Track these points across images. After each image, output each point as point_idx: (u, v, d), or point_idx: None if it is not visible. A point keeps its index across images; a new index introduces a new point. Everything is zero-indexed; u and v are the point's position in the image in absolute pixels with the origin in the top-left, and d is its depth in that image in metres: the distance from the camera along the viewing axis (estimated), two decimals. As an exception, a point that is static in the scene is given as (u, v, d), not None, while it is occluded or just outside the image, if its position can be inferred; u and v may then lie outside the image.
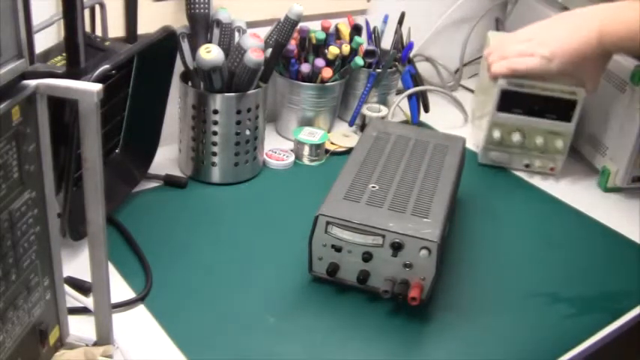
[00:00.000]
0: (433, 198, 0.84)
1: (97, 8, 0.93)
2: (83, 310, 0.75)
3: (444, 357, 0.75)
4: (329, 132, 1.20)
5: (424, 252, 0.77)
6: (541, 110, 1.08)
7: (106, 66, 0.76)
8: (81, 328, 0.70)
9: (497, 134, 1.10)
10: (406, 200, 0.83)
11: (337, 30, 1.21)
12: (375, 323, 0.79)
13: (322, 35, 1.16)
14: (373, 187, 0.85)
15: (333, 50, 1.14)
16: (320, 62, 1.14)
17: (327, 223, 0.79)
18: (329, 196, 0.83)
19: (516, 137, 1.10)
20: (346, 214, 0.79)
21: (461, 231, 0.97)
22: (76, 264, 0.81)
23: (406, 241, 0.77)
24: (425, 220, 0.80)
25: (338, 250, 0.80)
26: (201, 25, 0.99)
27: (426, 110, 1.29)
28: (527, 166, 1.12)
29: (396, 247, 0.78)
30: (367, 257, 0.79)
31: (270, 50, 1.04)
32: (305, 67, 1.14)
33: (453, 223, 0.97)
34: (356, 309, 0.80)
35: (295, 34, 1.13)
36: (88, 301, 0.74)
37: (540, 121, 1.09)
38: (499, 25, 1.49)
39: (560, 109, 1.07)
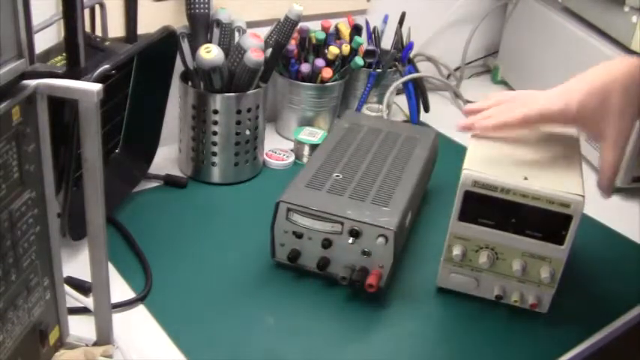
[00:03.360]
0: (396, 188, 0.86)
1: (97, 8, 0.93)
2: (83, 310, 0.75)
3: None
4: (329, 132, 1.20)
5: (381, 239, 0.78)
6: (520, 224, 0.77)
7: (106, 66, 0.76)
8: (81, 328, 0.70)
9: (458, 251, 0.79)
10: (368, 189, 0.85)
11: (337, 30, 1.21)
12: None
13: (322, 35, 1.16)
14: (337, 176, 0.87)
15: (333, 50, 1.14)
16: (320, 62, 1.14)
17: (288, 209, 0.81)
18: (292, 183, 0.85)
19: (484, 258, 0.79)
20: (306, 201, 0.81)
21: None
22: (76, 264, 0.81)
23: (364, 229, 0.79)
24: (384, 208, 0.81)
25: (299, 236, 0.82)
26: (201, 25, 1.00)
27: (426, 110, 1.29)
28: (498, 297, 0.81)
29: (354, 235, 0.79)
30: (327, 244, 0.81)
31: (270, 50, 1.04)
32: (305, 67, 1.14)
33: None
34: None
35: (295, 34, 1.13)
36: (88, 301, 0.74)
37: (519, 240, 0.77)
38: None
39: (547, 225, 0.76)
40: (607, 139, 0.76)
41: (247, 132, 1.01)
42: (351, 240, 0.79)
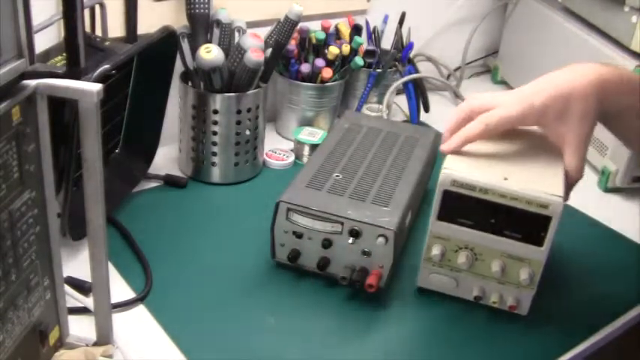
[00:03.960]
0: (396, 188, 0.86)
1: (97, 8, 0.93)
2: (83, 310, 0.75)
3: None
4: (329, 132, 1.20)
5: (381, 239, 0.78)
6: (499, 225, 0.75)
7: (106, 66, 0.76)
8: (81, 328, 0.70)
9: (437, 251, 0.78)
10: (368, 189, 0.85)
11: (337, 30, 1.21)
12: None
13: (322, 35, 1.16)
14: (337, 176, 0.87)
15: (333, 50, 1.14)
16: (320, 62, 1.14)
17: (288, 209, 0.81)
18: (292, 183, 0.85)
19: (462, 258, 0.78)
20: (306, 201, 0.81)
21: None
22: (76, 264, 0.81)
23: (364, 229, 0.79)
24: (384, 208, 0.81)
25: (299, 236, 0.82)
26: (201, 25, 0.99)
27: (426, 110, 1.29)
28: (477, 298, 0.80)
29: (354, 235, 0.79)
30: (327, 244, 0.81)
31: (270, 50, 1.04)
32: (305, 67, 1.14)
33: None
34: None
35: (295, 34, 1.13)
36: (88, 301, 0.74)
37: (497, 240, 0.76)
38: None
39: (526, 226, 0.74)
40: (568, 145, 0.76)
41: (247, 132, 1.01)
42: (351, 240, 0.79)
